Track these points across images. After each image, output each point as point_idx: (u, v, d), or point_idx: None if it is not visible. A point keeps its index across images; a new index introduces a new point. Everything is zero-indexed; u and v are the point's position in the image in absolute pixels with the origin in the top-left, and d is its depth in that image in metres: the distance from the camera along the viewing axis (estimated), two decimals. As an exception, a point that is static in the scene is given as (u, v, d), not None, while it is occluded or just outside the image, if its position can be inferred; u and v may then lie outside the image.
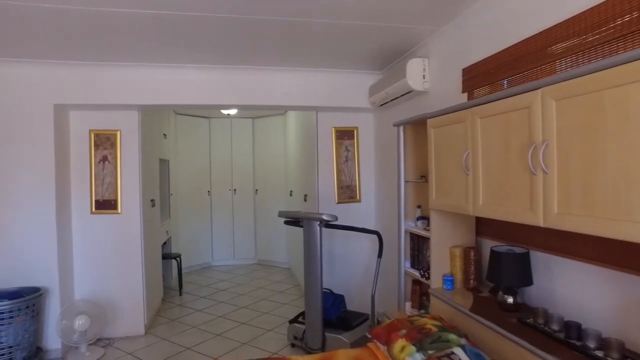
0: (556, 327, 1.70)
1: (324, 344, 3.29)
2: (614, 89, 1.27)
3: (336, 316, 3.47)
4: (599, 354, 1.49)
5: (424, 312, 2.73)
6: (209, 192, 6.71)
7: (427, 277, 2.68)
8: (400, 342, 1.94)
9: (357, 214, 4.24)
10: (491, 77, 2.36)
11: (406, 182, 3.01)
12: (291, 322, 3.67)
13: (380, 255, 3.50)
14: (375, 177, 4.35)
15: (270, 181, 6.75)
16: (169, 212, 5.61)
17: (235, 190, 6.84)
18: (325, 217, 3.27)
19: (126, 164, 3.85)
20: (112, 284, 3.83)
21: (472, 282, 2.46)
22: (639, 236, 1.21)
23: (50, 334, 3.48)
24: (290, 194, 6.12)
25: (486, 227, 2.51)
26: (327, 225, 3.36)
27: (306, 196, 4.88)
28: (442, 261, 2.53)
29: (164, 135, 5.29)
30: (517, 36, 2.14)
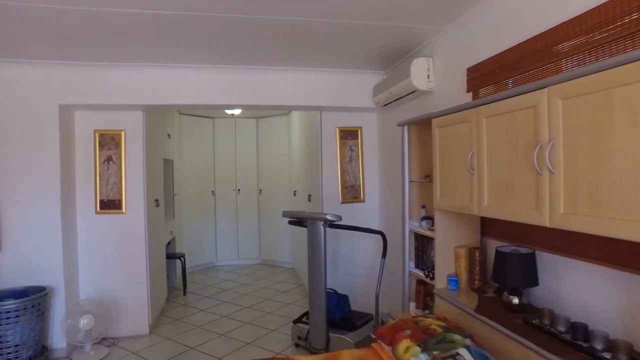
0: (562, 328, 1.69)
1: (327, 344, 3.28)
2: (624, 87, 1.25)
3: (340, 316, 3.47)
4: (607, 356, 1.47)
5: (428, 312, 2.72)
6: (213, 192, 6.72)
7: (432, 278, 2.67)
8: (404, 343, 1.93)
9: (361, 214, 4.23)
10: (496, 76, 2.34)
11: (410, 182, 3.00)
12: (295, 322, 3.67)
13: (384, 255, 3.49)
14: (379, 177, 4.34)
15: (274, 181, 6.75)
16: (173, 212, 5.63)
17: (239, 190, 6.85)
18: (329, 217, 3.27)
19: (130, 164, 3.86)
20: (116, 284, 3.85)
21: (477, 282, 2.44)
22: (647, 236, 1.20)
23: (55, 333, 3.50)
24: (294, 194, 6.12)
25: (491, 227, 2.50)
26: (331, 225, 3.35)
27: (310, 196, 4.87)
28: (447, 261, 2.52)
29: (168, 135, 5.31)
30: (522, 35, 2.13)
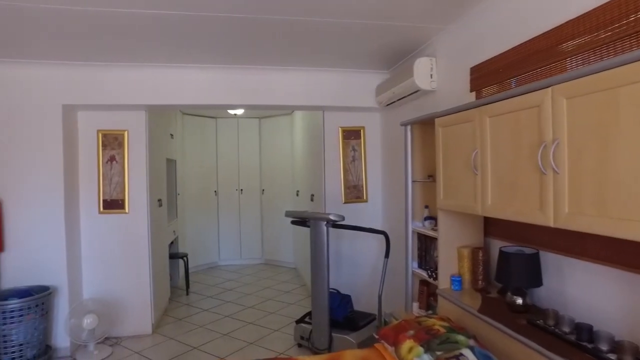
0: (567, 329, 1.68)
1: (330, 345, 3.28)
2: (629, 86, 1.24)
3: (343, 316, 3.46)
4: (612, 357, 1.46)
5: (431, 312, 2.71)
6: (215, 192, 6.73)
7: (435, 278, 2.66)
8: (408, 343, 1.93)
9: (364, 214, 4.22)
10: (500, 75, 2.33)
11: (413, 181, 2.99)
12: (298, 322, 3.66)
13: (387, 255, 3.48)
14: (382, 176, 4.33)
15: (277, 181, 6.75)
16: (176, 212, 5.64)
17: (242, 190, 6.86)
18: (332, 217, 3.26)
19: (134, 164, 3.87)
20: (119, 283, 3.85)
21: (480, 282, 2.43)
22: (653, 237, 1.19)
23: (59, 332, 3.51)
24: (297, 194, 6.12)
25: (495, 227, 2.48)
26: (334, 225, 3.35)
27: (313, 196, 4.87)
28: (450, 261, 2.51)
29: (171, 135, 5.32)
30: (526, 34, 2.11)
